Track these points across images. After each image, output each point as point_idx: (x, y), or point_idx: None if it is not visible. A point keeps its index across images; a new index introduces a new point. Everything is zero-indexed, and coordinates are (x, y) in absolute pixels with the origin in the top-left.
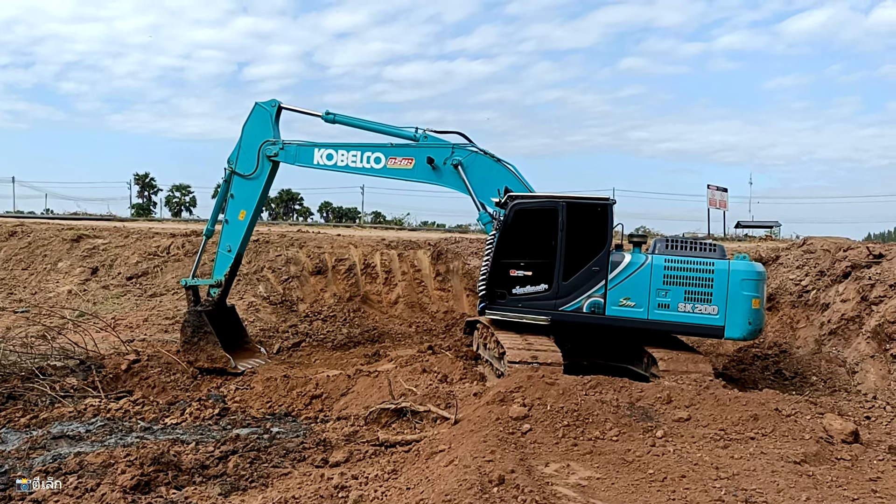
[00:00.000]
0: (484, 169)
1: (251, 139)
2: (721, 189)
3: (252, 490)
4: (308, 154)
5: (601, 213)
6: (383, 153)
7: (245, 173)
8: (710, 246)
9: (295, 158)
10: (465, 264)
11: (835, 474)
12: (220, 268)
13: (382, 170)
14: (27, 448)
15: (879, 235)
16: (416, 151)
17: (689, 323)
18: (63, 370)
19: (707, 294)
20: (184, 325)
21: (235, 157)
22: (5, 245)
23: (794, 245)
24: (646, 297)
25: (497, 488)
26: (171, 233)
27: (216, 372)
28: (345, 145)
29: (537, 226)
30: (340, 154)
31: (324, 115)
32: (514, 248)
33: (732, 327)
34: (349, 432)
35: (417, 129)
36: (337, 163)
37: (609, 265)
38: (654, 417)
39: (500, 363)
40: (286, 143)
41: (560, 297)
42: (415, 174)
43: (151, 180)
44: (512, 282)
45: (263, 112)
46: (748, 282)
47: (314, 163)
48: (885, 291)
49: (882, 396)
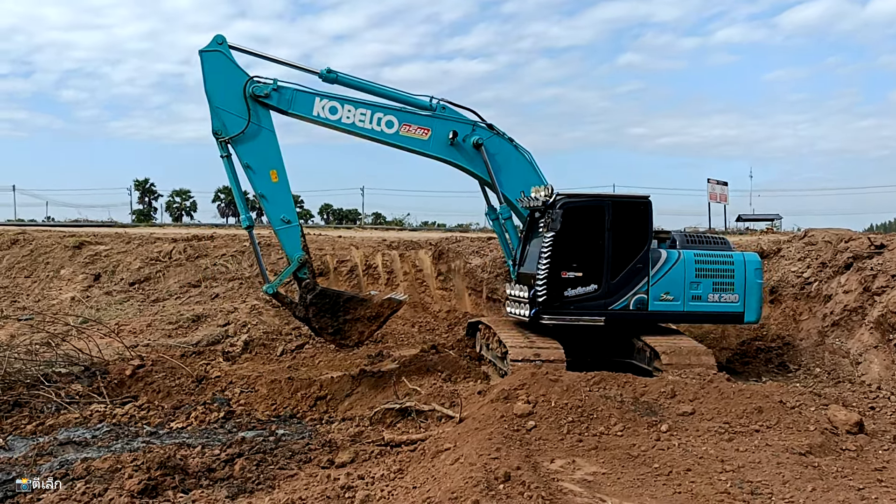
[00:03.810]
0: (504, 154)
1: (224, 92)
2: (721, 183)
3: (259, 492)
4: (307, 102)
5: (643, 210)
6: (397, 117)
7: (241, 132)
8: (719, 239)
9: (290, 104)
10: (466, 263)
11: (840, 465)
12: (293, 244)
13: (393, 136)
14: (34, 455)
15: (881, 226)
16: (433, 122)
17: (717, 312)
18: (68, 377)
19: (730, 284)
20: (319, 314)
21: (220, 123)
22: (8, 253)
23: (796, 237)
24: (682, 291)
25: (503, 485)
26: (172, 238)
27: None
28: (354, 101)
29: (585, 225)
30: (346, 109)
31: (322, 72)
32: (567, 249)
33: (750, 312)
34: (354, 433)
35: (433, 98)
36: (342, 118)
37: (650, 262)
38: (658, 412)
39: (503, 362)
40: (281, 84)
41: (609, 297)
42: (429, 146)
43: (152, 186)
44: (564, 284)
45: (217, 57)
46: (759, 270)
47: (313, 114)
48: (888, 282)
49: (886, 386)
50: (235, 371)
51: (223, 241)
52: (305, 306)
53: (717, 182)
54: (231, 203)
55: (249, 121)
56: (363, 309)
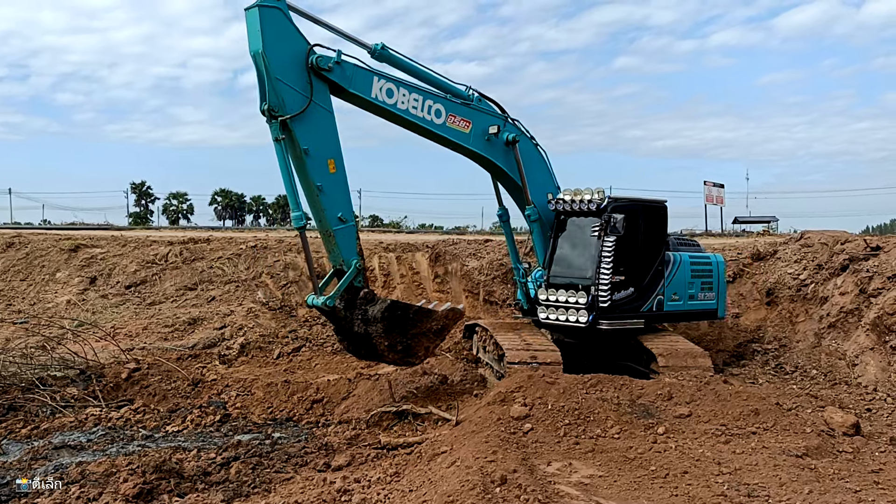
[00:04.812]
0: (529, 153)
1: (283, 59)
2: (718, 185)
3: (255, 496)
4: (367, 81)
5: (663, 215)
6: (444, 106)
7: (302, 110)
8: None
9: (350, 82)
10: (463, 266)
11: (837, 467)
12: (349, 247)
13: (440, 126)
14: (29, 458)
15: (878, 228)
16: (473, 114)
17: (702, 309)
18: (63, 380)
19: (710, 283)
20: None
21: (278, 98)
22: (3, 256)
23: (792, 239)
24: (684, 291)
25: (499, 488)
26: (168, 241)
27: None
28: (407, 85)
29: (631, 229)
30: (402, 93)
31: (375, 46)
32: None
33: (721, 308)
34: (351, 436)
35: (469, 87)
36: (397, 103)
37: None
38: (655, 414)
39: (499, 365)
40: (344, 58)
41: (642, 299)
42: (469, 140)
43: (148, 189)
44: (614, 288)
45: (276, 16)
46: (725, 270)
47: (371, 95)
48: (884, 283)
49: (882, 388)
50: (232, 374)
51: (219, 244)
52: (366, 321)
53: (714, 184)
54: (228, 206)
55: (312, 97)
56: (429, 321)
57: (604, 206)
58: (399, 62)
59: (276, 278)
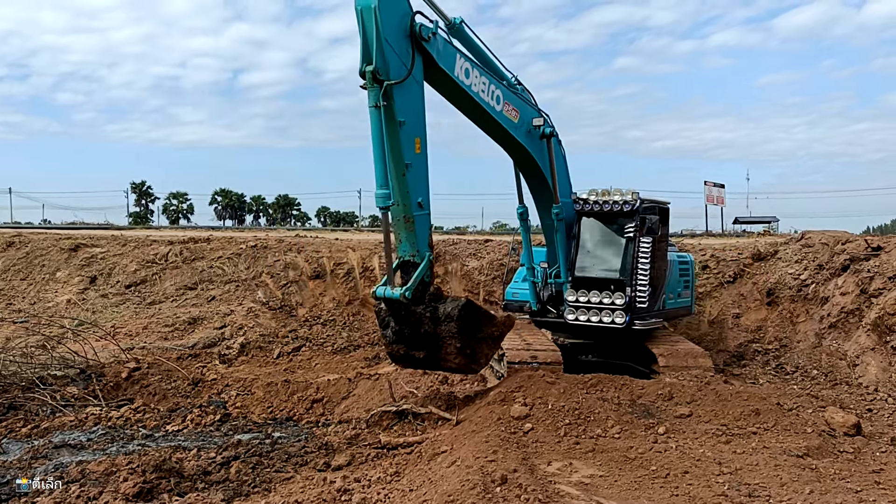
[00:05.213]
0: (557, 150)
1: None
2: (718, 185)
3: (255, 495)
4: (452, 57)
5: (667, 216)
6: (503, 93)
7: (404, 78)
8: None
9: (440, 55)
10: (463, 266)
11: (838, 467)
12: (423, 236)
13: (497, 113)
14: (29, 458)
15: (878, 228)
16: (521, 104)
17: (683, 307)
18: (63, 379)
19: (688, 282)
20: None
21: (383, 61)
22: (3, 255)
23: (793, 239)
24: (674, 289)
25: (500, 488)
26: (168, 240)
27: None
28: (481, 68)
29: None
30: (475, 74)
31: (454, 19)
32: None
33: (692, 306)
34: (351, 435)
35: (515, 75)
36: (472, 84)
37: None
38: (655, 414)
39: (500, 365)
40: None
41: (657, 299)
42: (516, 129)
43: (148, 189)
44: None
45: None
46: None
47: (454, 73)
48: (885, 284)
49: (883, 389)
50: (232, 374)
51: (220, 244)
52: (436, 320)
53: (714, 185)
54: (228, 206)
55: (413, 65)
56: (491, 326)
57: (637, 206)
58: (470, 41)
59: (276, 278)
